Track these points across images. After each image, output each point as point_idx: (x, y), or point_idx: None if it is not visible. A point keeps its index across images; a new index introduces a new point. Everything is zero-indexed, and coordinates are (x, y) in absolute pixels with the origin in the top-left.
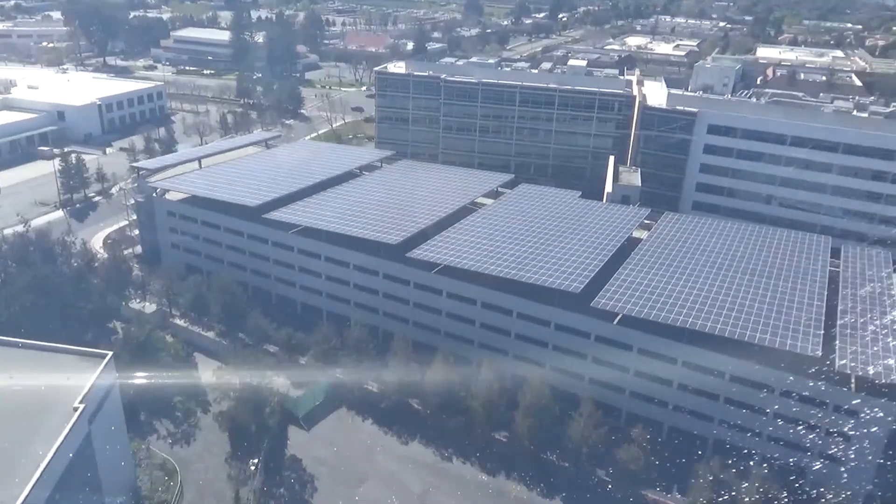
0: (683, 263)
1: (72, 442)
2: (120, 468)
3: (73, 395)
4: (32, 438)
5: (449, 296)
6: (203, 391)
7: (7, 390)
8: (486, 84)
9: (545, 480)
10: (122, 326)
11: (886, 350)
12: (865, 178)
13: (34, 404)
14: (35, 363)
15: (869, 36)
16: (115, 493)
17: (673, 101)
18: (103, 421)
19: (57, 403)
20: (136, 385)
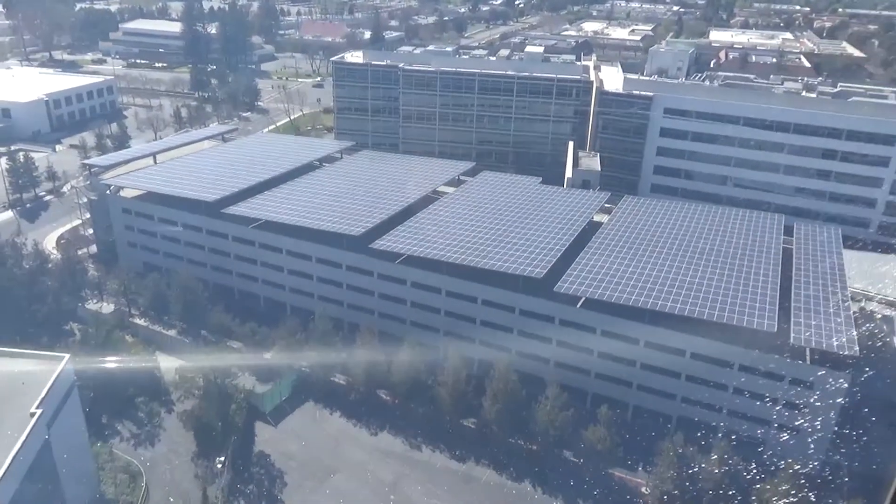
0: (643, 246)
1: (30, 449)
2: (82, 473)
3: (30, 400)
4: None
5: (413, 285)
6: (166, 391)
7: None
8: (444, 72)
9: (514, 464)
10: (80, 328)
11: (838, 323)
12: (815, 157)
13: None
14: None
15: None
16: (77, 499)
17: (629, 86)
18: (62, 425)
19: (12, 409)
20: (97, 387)
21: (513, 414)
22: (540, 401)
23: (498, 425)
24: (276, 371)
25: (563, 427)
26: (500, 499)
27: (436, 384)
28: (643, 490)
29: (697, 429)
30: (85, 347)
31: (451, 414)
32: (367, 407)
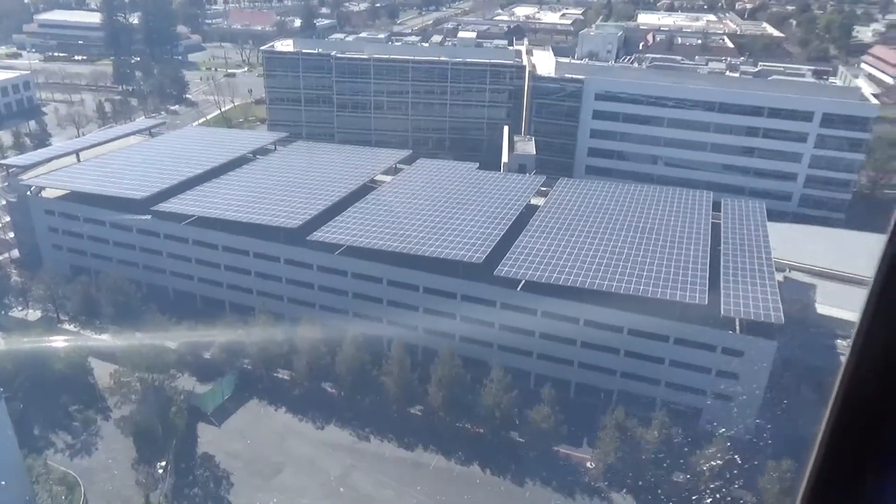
0: (580, 227)
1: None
2: (14, 488)
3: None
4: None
5: (354, 276)
6: (101, 397)
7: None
8: (377, 60)
9: (462, 448)
10: (4, 337)
11: (765, 293)
12: (740, 135)
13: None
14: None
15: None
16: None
17: (561, 70)
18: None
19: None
20: (26, 398)
21: (458, 399)
22: (485, 384)
23: (444, 411)
24: (217, 370)
25: (508, 408)
26: (449, 483)
27: (381, 374)
28: (588, 465)
29: (638, 402)
30: (11, 358)
31: (397, 403)
32: (313, 401)
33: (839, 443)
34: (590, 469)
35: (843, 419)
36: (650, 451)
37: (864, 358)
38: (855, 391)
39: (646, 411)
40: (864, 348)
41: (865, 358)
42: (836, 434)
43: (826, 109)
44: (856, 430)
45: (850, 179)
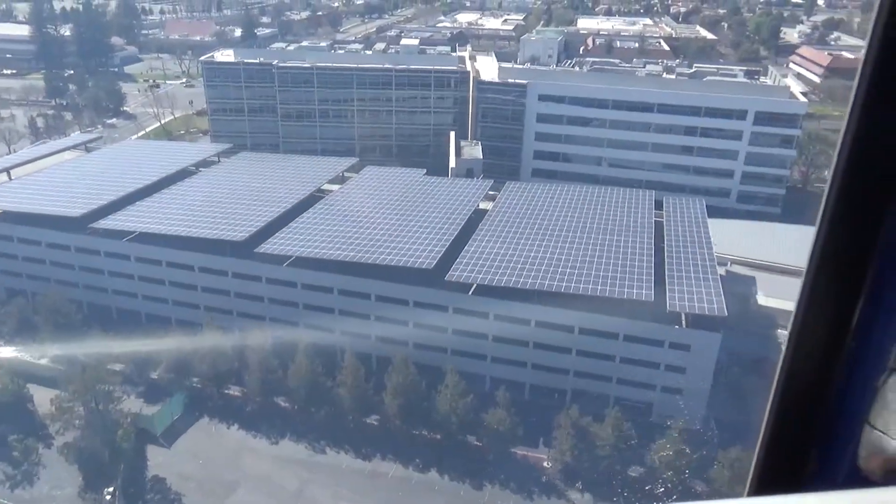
0: (528, 229)
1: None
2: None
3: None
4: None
5: (304, 287)
6: (42, 424)
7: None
8: (321, 68)
9: (420, 455)
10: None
11: (708, 288)
12: (679, 134)
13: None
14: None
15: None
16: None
17: (504, 75)
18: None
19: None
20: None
21: (414, 406)
22: (440, 390)
23: (401, 419)
24: (165, 390)
25: (464, 413)
26: (408, 491)
27: (335, 385)
28: (545, 464)
29: (591, 399)
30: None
31: (353, 413)
32: (266, 416)
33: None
34: (547, 468)
35: (784, 407)
36: (605, 447)
37: (800, 347)
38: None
39: (599, 408)
40: (799, 338)
41: (801, 347)
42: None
43: (758, 108)
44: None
45: (784, 175)
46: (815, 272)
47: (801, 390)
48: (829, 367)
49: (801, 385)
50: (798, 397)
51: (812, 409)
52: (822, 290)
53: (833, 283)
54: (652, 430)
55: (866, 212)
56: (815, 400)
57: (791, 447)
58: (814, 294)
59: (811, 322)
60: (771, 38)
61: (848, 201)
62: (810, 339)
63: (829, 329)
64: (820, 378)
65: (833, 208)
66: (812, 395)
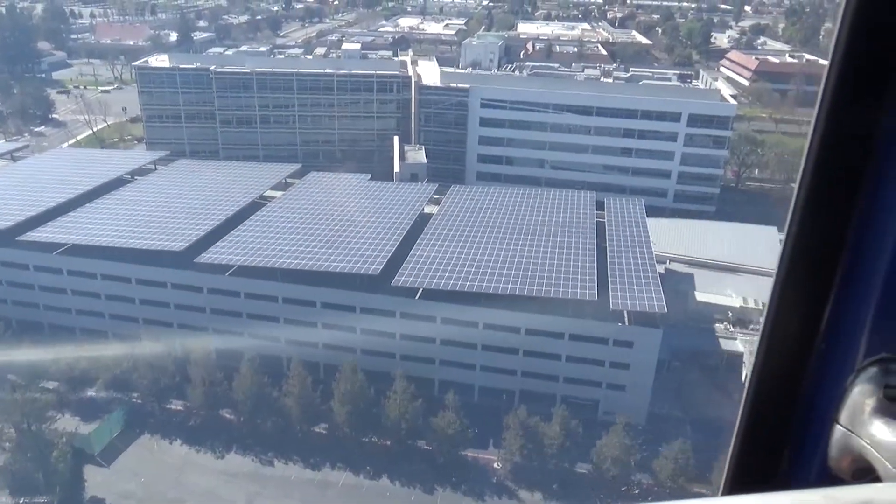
0: (473, 232)
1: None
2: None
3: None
4: None
5: (248, 296)
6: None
7: None
8: (260, 73)
9: (370, 462)
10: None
11: (648, 286)
12: (617, 136)
13: None
14: None
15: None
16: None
17: (446, 79)
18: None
19: None
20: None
21: (363, 413)
22: (389, 396)
23: (350, 427)
24: (102, 407)
25: (414, 418)
26: (358, 499)
27: (282, 395)
28: (495, 465)
29: (539, 399)
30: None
31: (301, 423)
32: (211, 430)
33: (753, 430)
34: (497, 469)
35: (756, 407)
36: (553, 446)
37: (771, 348)
38: (764, 380)
39: (547, 407)
40: (770, 339)
41: (772, 348)
42: (751, 421)
43: (691, 110)
44: (767, 416)
45: (717, 174)
46: (784, 274)
47: (772, 391)
48: (799, 367)
49: (772, 386)
50: (769, 398)
51: (783, 410)
52: (792, 292)
53: (802, 284)
54: (598, 427)
55: (834, 214)
56: (786, 400)
57: (763, 447)
58: (784, 296)
59: (781, 323)
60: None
61: (816, 204)
62: (781, 341)
63: (799, 330)
64: (791, 379)
65: (802, 211)
66: (783, 395)
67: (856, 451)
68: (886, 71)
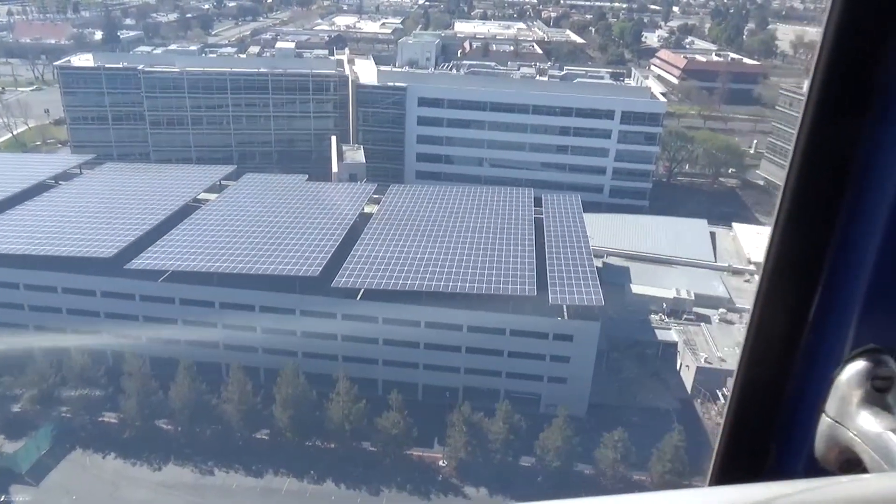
0: (413, 231)
1: None
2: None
3: None
4: None
5: (183, 302)
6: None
7: None
8: (191, 73)
9: (314, 467)
10: None
11: (586, 280)
12: (554, 134)
13: None
14: None
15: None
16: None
17: (383, 78)
18: None
19: None
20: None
21: (306, 417)
22: (332, 398)
23: (292, 431)
24: (29, 423)
25: (358, 419)
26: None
27: (221, 402)
28: (441, 463)
29: (483, 395)
30: None
31: (241, 430)
32: (146, 442)
33: (741, 422)
34: (443, 467)
35: (743, 399)
36: (497, 441)
37: (758, 340)
38: (752, 372)
39: (491, 403)
40: (758, 332)
41: (760, 340)
42: (738, 413)
43: (624, 108)
44: (755, 408)
45: (649, 170)
46: (771, 269)
47: (759, 383)
48: (786, 359)
49: (759, 378)
50: (757, 390)
51: (770, 402)
52: (779, 286)
53: (789, 278)
54: (541, 420)
55: (820, 210)
56: (773, 392)
57: (750, 439)
58: (771, 289)
59: (769, 316)
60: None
61: (802, 200)
62: (768, 333)
63: (787, 323)
64: (778, 370)
65: (788, 207)
66: (770, 387)
67: (843, 442)
68: (873, 65)
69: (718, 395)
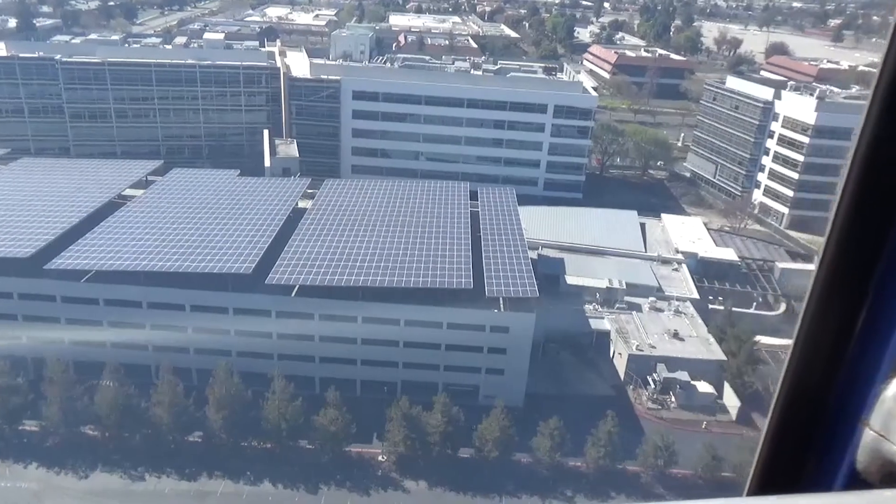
0: (349, 226)
1: None
2: None
3: None
4: None
5: (108, 303)
6: None
7: None
8: (114, 64)
9: (250, 468)
10: None
11: (521, 272)
12: (489, 128)
13: None
14: None
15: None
16: None
17: (316, 71)
18: None
19: None
20: None
21: (241, 417)
22: (267, 397)
23: (227, 432)
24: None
25: (295, 418)
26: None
27: (151, 405)
28: (380, 458)
29: (421, 389)
30: None
31: (173, 433)
32: (72, 449)
33: (783, 431)
34: (382, 462)
35: (787, 408)
36: (436, 434)
37: (805, 350)
38: (796, 381)
39: (429, 396)
40: (804, 341)
41: (806, 350)
42: (781, 422)
43: (557, 102)
44: (797, 417)
45: (582, 163)
46: (822, 279)
47: (803, 393)
48: (831, 371)
49: (803, 387)
50: (801, 399)
51: (814, 412)
52: (828, 296)
53: (838, 292)
54: (479, 412)
55: (871, 226)
56: (817, 402)
57: (792, 448)
58: (820, 299)
59: (816, 327)
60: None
61: (856, 211)
62: (815, 343)
63: (833, 334)
64: (822, 381)
65: (842, 217)
66: (814, 397)
67: (886, 455)
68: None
69: (649, 380)
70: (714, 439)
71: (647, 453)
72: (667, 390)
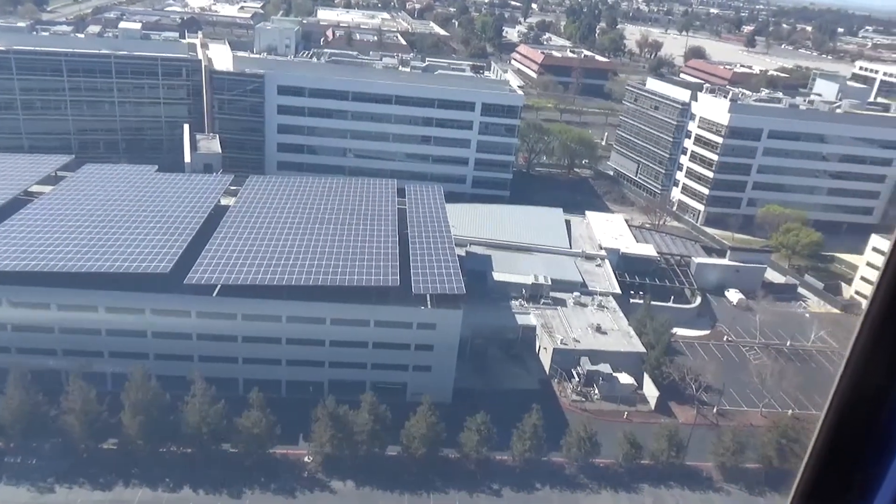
0: (273, 224)
1: None
2: None
3: None
4: None
5: (12, 305)
6: None
7: None
8: (20, 52)
9: (169, 474)
10: None
11: (448, 269)
12: (417, 125)
13: None
14: None
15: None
16: None
17: (240, 64)
18: None
19: None
20: None
21: (159, 422)
22: (187, 401)
23: (143, 438)
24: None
25: (216, 421)
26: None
27: (61, 413)
28: (306, 459)
29: (349, 387)
30: None
31: (85, 441)
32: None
33: (830, 448)
34: (308, 463)
35: (836, 427)
36: (363, 433)
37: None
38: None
39: (357, 395)
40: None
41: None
42: (828, 440)
43: (484, 100)
44: (846, 436)
45: (510, 161)
46: (880, 298)
47: (854, 410)
48: (883, 390)
49: (855, 405)
50: (851, 417)
51: (863, 432)
52: (885, 316)
53: None
54: (407, 409)
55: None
56: (866, 422)
57: (838, 466)
58: (876, 319)
59: (871, 347)
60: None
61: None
62: (869, 364)
63: (889, 354)
64: (873, 400)
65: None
66: (864, 417)
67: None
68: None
69: (573, 373)
70: (634, 428)
71: (570, 444)
72: (590, 382)
